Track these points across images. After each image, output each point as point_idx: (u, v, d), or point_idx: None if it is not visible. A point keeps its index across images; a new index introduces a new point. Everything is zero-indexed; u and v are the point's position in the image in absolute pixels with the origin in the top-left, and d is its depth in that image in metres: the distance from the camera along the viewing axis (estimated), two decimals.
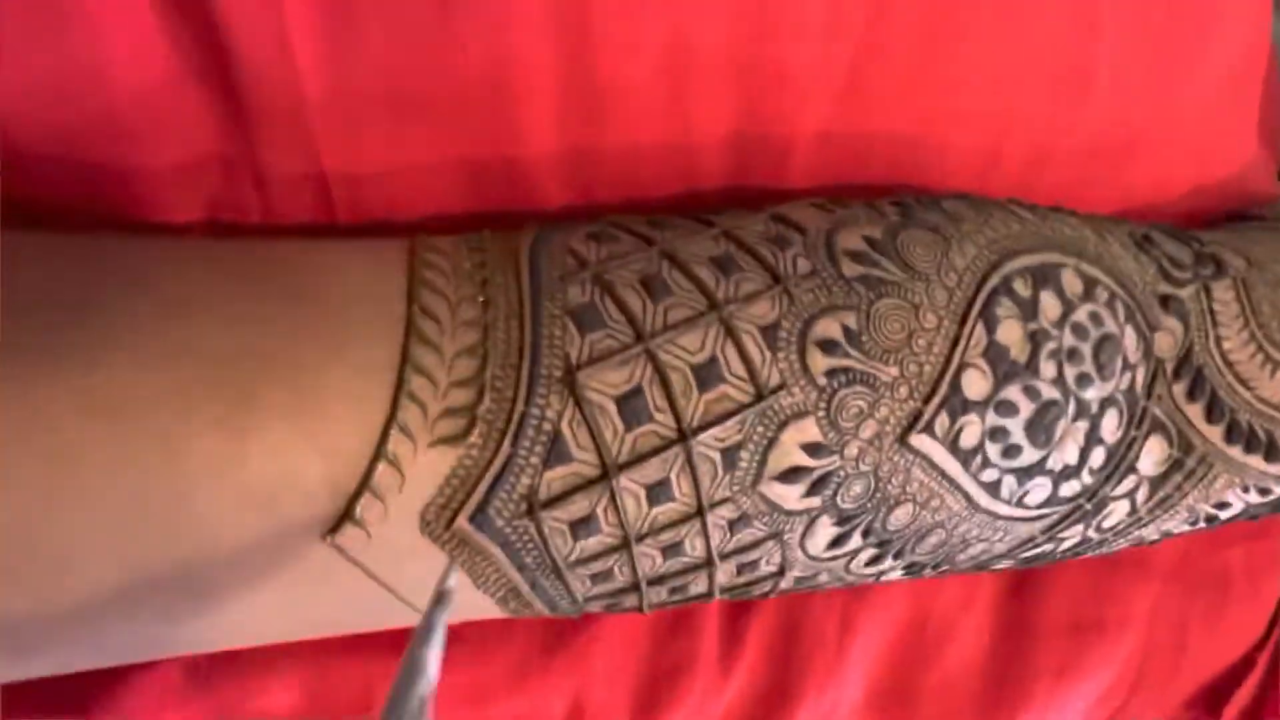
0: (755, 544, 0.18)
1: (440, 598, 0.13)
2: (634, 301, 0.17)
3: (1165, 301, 0.22)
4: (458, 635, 0.21)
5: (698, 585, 0.19)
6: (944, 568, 0.22)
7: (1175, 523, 0.23)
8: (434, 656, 0.12)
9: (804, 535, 0.18)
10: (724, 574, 0.19)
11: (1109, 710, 0.27)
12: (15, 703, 0.17)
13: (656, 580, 0.18)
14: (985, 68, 0.21)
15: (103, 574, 0.14)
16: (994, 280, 0.19)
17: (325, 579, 0.15)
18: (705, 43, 0.18)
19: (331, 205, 0.18)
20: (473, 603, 0.17)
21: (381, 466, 0.14)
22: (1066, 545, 0.23)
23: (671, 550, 0.17)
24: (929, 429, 0.18)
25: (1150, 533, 0.23)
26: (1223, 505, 0.23)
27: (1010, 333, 0.19)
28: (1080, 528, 0.22)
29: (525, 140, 0.18)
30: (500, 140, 0.18)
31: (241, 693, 0.18)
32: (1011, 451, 0.19)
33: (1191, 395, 0.22)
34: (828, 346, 0.17)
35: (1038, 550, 0.22)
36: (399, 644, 0.20)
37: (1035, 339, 0.19)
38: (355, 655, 0.19)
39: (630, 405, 0.16)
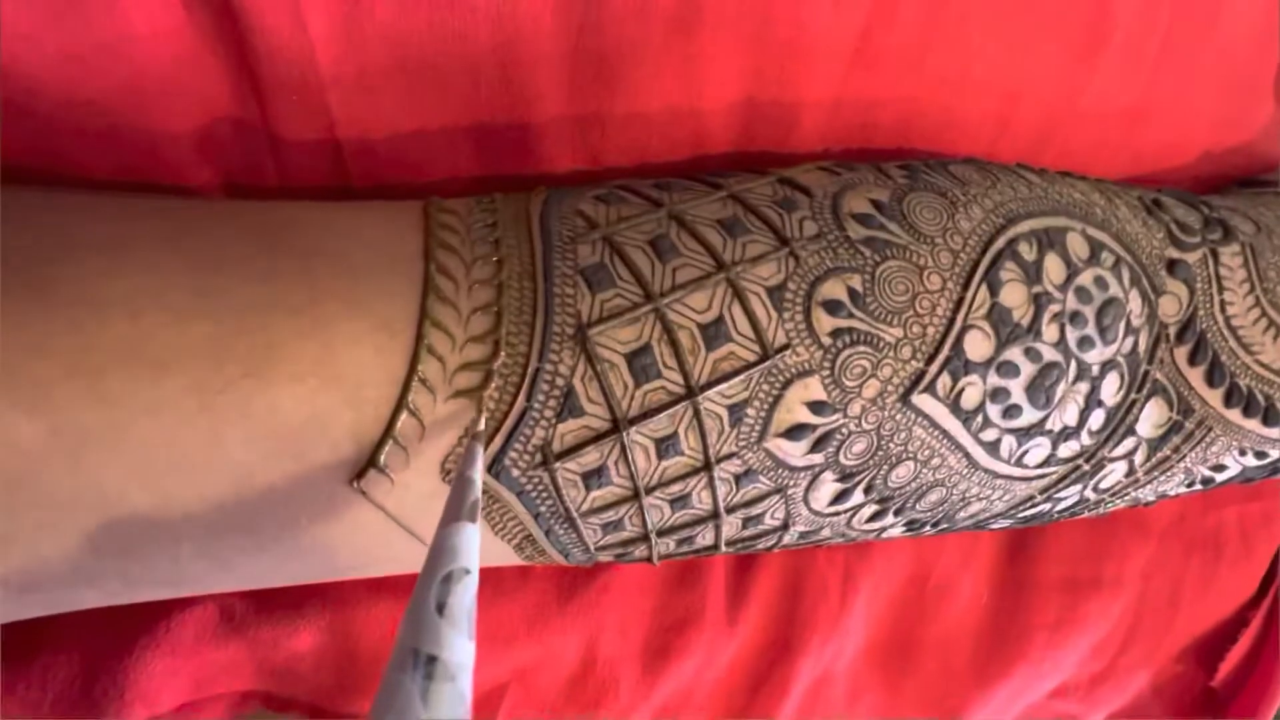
0: (760, 498, 0.19)
1: (476, 435, 0.15)
2: (643, 262, 0.17)
3: (1172, 266, 0.22)
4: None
5: (705, 537, 0.20)
6: (944, 526, 0.23)
7: (1172, 485, 0.24)
8: (478, 475, 0.14)
9: (807, 490, 0.19)
10: (730, 527, 0.19)
11: (1102, 663, 0.28)
12: (65, 635, 0.18)
13: (665, 531, 0.19)
14: (997, 33, 0.21)
15: (143, 509, 0.14)
16: (999, 243, 0.19)
17: (352, 523, 0.16)
18: (715, 6, 0.18)
19: (345, 170, 0.18)
20: (491, 549, 0.18)
21: (404, 416, 0.15)
22: (1064, 505, 0.23)
23: (680, 502, 0.18)
24: (931, 389, 0.19)
25: (1147, 494, 0.24)
26: (1219, 468, 0.24)
27: (1014, 295, 0.19)
28: (1078, 488, 0.23)
29: (534, 105, 0.19)
30: (509, 106, 0.18)
31: (273, 634, 0.19)
32: (1012, 412, 0.20)
33: (1193, 359, 0.22)
34: (833, 307, 0.18)
35: (1035, 510, 0.23)
36: None
37: (1038, 302, 0.19)
38: (379, 601, 0.20)
39: (639, 362, 0.16)
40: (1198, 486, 0.24)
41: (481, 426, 0.15)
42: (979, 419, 0.19)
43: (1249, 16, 0.24)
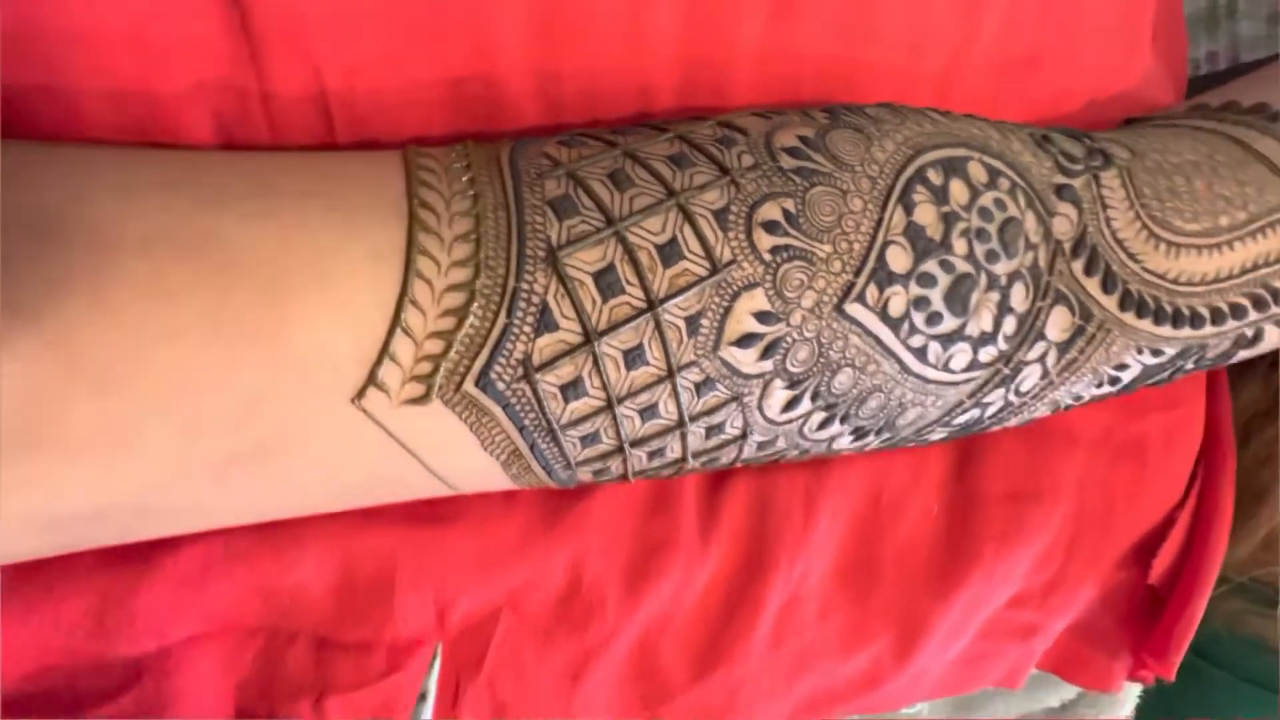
0: (720, 405, 0.21)
1: (423, 695, 0.16)
2: (603, 192, 0.19)
3: (1060, 190, 0.25)
4: (465, 509, 0.23)
5: (673, 449, 0.22)
6: (886, 435, 0.25)
7: (1083, 385, 0.27)
8: None
9: (761, 398, 0.21)
10: (695, 437, 0.22)
11: (1051, 571, 0.31)
12: (76, 570, 0.19)
13: (638, 442, 0.21)
14: None
15: (161, 438, 0.16)
16: (909, 171, 0.22)
17: (355, 442, 0.17)
18: None
19: (331, 123, 0.20)
20: (480, 466, 0.19)
21: (398, 335, 0.17)
22: (991, 411, 0.26)
23: (648, 412, 0.20)
24: (861, 299, 0.21)
25: (1063, 396, 0.27)
26: (1122, 367, 0.27)
27: (925, 214, 0.22)
28: (1001, 391, 0.25)
29: (499, 59, 0.21)
30: (477, 59, 0.20)
31: (278, 565, 0.21)
32: (934, 319, 0.22)
33: (1088, 270, 0.25)
34: (770, 227, 0.20)
35: (966, 415, 0.26)
36: (417, 516, 0.22)
37: (947, 220, 0.22)
38: (380, 531, 0.22)
39: (605, 279, 0.19)
40: (1106, 387, 0.27)
41: (431, 685, 0.16)
42: (905, 326, 0.22)
43: None
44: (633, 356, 0.19)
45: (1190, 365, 0.29)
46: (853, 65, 0.25)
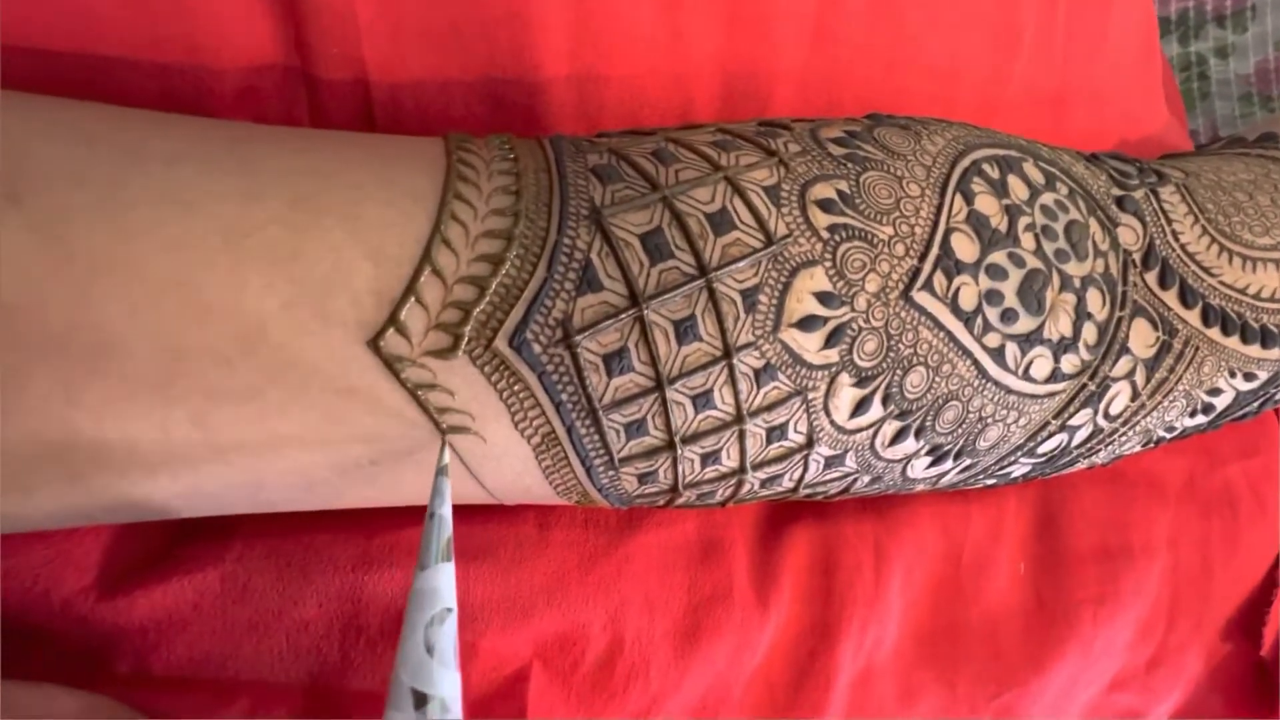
0: (782, 400, 0.19)
1: (442, 469, 0.16)
2: (647, 165, 0.18)
3: (1120, 202, 0.24)
4: (493, 546, 0.20)
5: (730, 453, 0.19)
6: (966, 461, 0.22)
7: (1175, 412, 0.24)
8: (447, 511, 0.15)
9: (827, 396, 0.19)
10: (754, 439, 0.19)
11: (1153, 645, 0.26)
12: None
13: (690, 439, 0.18)
14: (933, 20, 0.25)
15: (141, 356, 0.13)
16: (965, 162, 0.21)
17: (366, 395, 0.15)
18: None
19: (372, 118, 0.20)
20: (508, 449, 0.17)
21: (426, 274, 0.15)
22: (1080, 437, 0.23)
23: (702, 400, 0.18)
24: (929, 286, 0.19)
25: (1155, 424, 0.24)
26: (1215, 391, 0.24)
27: (987, 205, 0.21)
28: (1089, 412, 0.23)
29: (541, 66, 0.21)
30: (519, 66, 0.21)
31: (279, 603, 0.17)
32: (1008, 316, 0.20)
33: (1163, 283, 0.23)
34: (826, 205, 0.19)
35: (1052, 442, 0.23)
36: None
37: (1010, 213, 0.21)
38: (389, 573, 0.18)
39: (653, 240, 0.17)
40: (1200, 416, 0.25)
41: (446, 460, 0.16)
42: (979, 321, 0.20)
43: (1130, 27, 0.29)
44: (684, 329, 0.17)
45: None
46: (892, 93, 0.25)
